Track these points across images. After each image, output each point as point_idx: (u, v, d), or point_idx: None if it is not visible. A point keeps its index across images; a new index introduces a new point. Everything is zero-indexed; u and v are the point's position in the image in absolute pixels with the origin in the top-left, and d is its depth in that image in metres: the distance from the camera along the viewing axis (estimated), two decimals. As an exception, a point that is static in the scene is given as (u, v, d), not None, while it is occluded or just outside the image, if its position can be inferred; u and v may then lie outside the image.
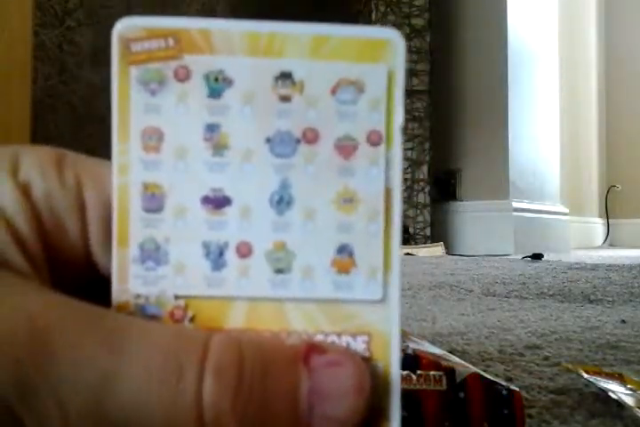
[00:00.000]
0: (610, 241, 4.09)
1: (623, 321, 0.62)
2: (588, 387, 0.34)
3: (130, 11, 2.31)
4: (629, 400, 0.29)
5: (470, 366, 0.28)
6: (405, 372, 0.25)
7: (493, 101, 2.77)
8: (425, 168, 2.68)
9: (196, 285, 0.15)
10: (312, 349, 0.14)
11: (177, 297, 0.15)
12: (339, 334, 0.15)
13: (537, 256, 1.98)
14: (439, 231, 2.72)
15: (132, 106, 0.15)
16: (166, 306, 0.15)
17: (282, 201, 0.15)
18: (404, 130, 0.16)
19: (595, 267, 1.51)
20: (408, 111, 2.67)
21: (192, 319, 0.15)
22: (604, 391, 0.30)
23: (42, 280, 0.15)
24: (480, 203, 2.76)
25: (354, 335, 0.15)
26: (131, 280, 0.15)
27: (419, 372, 0.25)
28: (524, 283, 1.09)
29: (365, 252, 0.15)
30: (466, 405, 0.26)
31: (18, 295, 0.14)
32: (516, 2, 2.82)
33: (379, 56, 0.15)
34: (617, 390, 0.30)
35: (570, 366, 0.34)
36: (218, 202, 0.15)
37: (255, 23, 0.15)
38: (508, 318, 0.69)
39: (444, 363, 0.26)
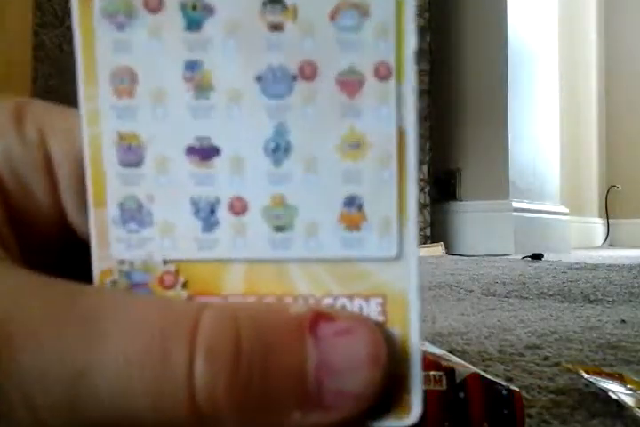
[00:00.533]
0: (610, 241, 4.09)
1: (623, 321, 0.62)
2: (588, 387, 0.34)
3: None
4: (629, 400, 0.29)
5: (470, 366, 0.28)
6: None
7: (493, 101, 2.77)
8: (425, 168, 2.68)
9: (186, 247, 0.13)
10: (319, 316, 0.12)
11: (166, 261, 0.14)
12: (350, 297, 0.13)
13: (537, 256, 1.98)
14: (439, 231, 2.72)
15: (98, 43, 0.13)
16: (155, 271, 0.14)
17: (278, 149, 0.13)
18: (418, 60, 0.13)
19: (595, 267, 1.51)
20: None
21: (185, 285, 0.14)
22: (604, 391, 0.30)
23: (7, 254, 0.13)
24: (480, 203, 2.76)
25: (367, 298, 0.13)
26: (112, 244, 0.13)
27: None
28: (523, 283, 1.09)
29: (377, 203, 0.13)
30: (466, 405, 0.25)
31: None
32: (516, 2, 2.82)
33: None
34: (617, 390, 0.30)
35: (570, 366, 0.34)
36: (205, 152, 0.13)
37: None
38: (508, 318, 0.69)
39: (444, 363, 0.26)
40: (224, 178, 0.13)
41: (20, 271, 0.12)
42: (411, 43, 0.13)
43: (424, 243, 2.59)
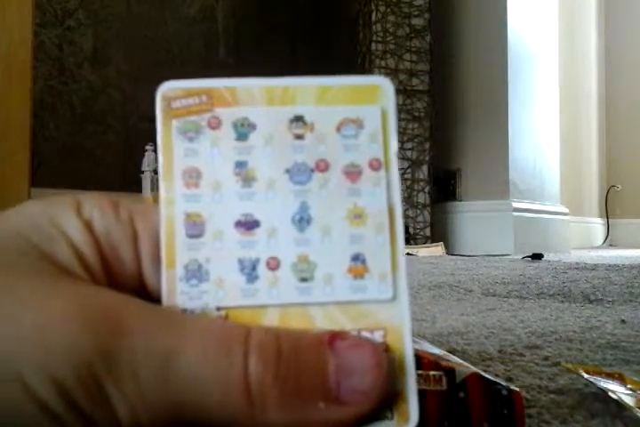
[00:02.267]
0: (610, 241, 4.09)
1: (623, 321, 0.62)
2: (588, 387, 0.34)
3: (130, 11, 2.31)
4: (629, 400, 0.29)
5: (470, 366, 0.28)
6: None
7: (493, 101, 2.77)
8: (425, 168, 2.68)
9: (233, 296, 0.18)
10: (335, 335, 0.17)
11: (218, 308, 0.18)
12: (358, 331, 0.18)
13: (537, 256, 1.98)
14: (439, 231, 2.72)
15: (175, 151, 0.18)
16: (210, 317, 0.18)
17: (302, 220, 0.18)
18: (399, 154, 0.18)
19: (595, 267, 1.51)
20: (408, 111, 2.67)
21: None
22: (604, 391, 0.30)
23: None
24: (480, 203, 2.76)
25: (371, 331, 0.18)
26: (178, 297, 0.18)
27: (419, 372, 0.25)
28: (523, 283, 1.09)
29: (375, 259, 0.18)
30: (466, 405, 0.25)
31: (92, 288, 0.17)
32: (516, 2, 2.82)
33: (373, 99, 0.19)
34: (617, 390, 0.30)
35: (570, 366, 0.34)
36: (248, 225, 0.18)
37: (271, 79, 0.19)
38: (508, 318, 0.69)
39: (443, 363, 0.26)
40: (262, 243, 0.18)
41: (112, 290, 0.17)
42: (393, 144, 0.19)
43: (424, 243, 2.59)
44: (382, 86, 0.19)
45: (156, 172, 2.07)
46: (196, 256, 0.18)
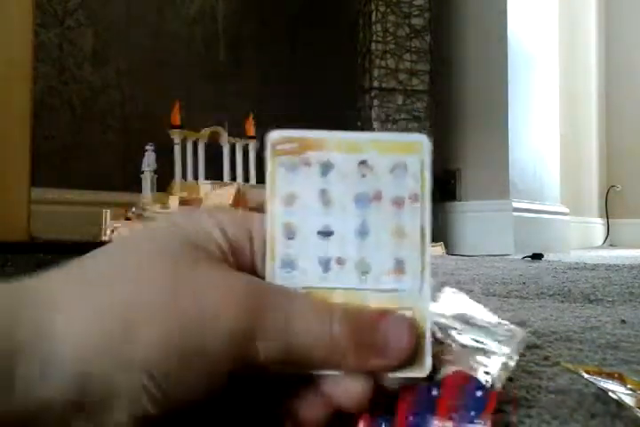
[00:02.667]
0: (610, 241, 4.09)
1: (623, 321, 0.62)
2: (588, 387, 0.34)
3: (129, 11, 2.31)
4: (629, 400, 0.29)
5: (473, 362, 0.28)
6: None
7: (493, 101, 2.77)
8: (425, 168, 2.68)
9: (313, 280, 0.26)
10: (384, 312, 0.25)
11: (304, 288, 0.26)
12: (396, 309, 0.26)
13: (537, 256, 1.98)
14: (439, 231, 2.72)
15: (277, 180, 0.26)
16: (309, 296, 0.26)
17: (362, 233, 0.26)
18: (431, 192, 0.26)
19: (595, 267, 1.51)
20: (408, 111, 2.68)
21: None
22: (604, 391, 0.30)
23: None
24: (480, 203, 2.76)
25: (404, 310, 0.26)
26: (276, 280, 0.26)
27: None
28: (523, 283, 1.09)
29: (411, 263, 0.26)
30: (434, 402, 0.26)
31: (241, 275, 0.25)
32: (516, 2, 2.82)
33: (415, 150, 0.26)
34: (617, 390, 0.30)
35: (570, 366, 0.34)
36: (326, 234, 0.26)
37: (346, 133, 0.27)
38: (508, 318, 0.69)
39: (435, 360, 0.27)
40: (335, 246, 0.26)
41: (250, 275, 0.26)
42: (428, 184, 0.26)
43: (424, 243, 2.58)
44: (422, 142, 0.27)
45: (155, 172, 2.07)
46: (290, 253, 0.26)
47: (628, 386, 0.31)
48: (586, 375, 0.32)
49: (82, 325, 0.22)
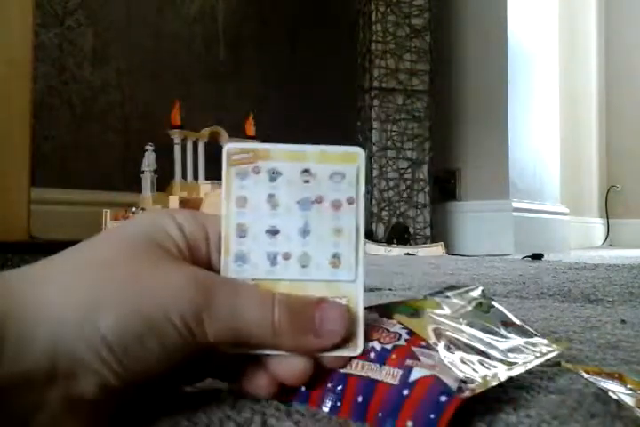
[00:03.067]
0: (610, 241, 4.09)
1: (623, 321, 0.62)
2: (587, 387, 0.34)
3: (129, 11, 2.31)
4: (629, 400, 0.29)
5: (453, 367, 0.28)
6: (376, 364, 0.30)
7: (493, 101, 2.77)
8: (425, 168, 2.68)
9: (262, 273, 0.30)
10: (321, 300, 0.29)
11: (253, 279, 0.29)
12: (332, 297, 0.30)
13: (537, 256, 1.98)
14: (439, 231, 2.72)
15: (232, 185, 0.30)
16: (254, 286, 0.29)
17: (305, 231, 0.30)
18: (365, 196, 0.29)
19: (595, 267, 1.51)
20: (408, 111, 2.68)
21: None
22: (604, 391, 0.30)
23: None
24: (480, 203, 2.76)
25: (340, 298, 0.30)
26: (230, 272, 0.30)
27: (384, 366, 0.29)
28: (523, 283, 1.09)
29: (346, 257, 0.30)
30: (402, 403, 0.27)
31: (193, 267, 0.29)
32: (516, 2, 2.82)
33: (352, 160, 0.30)
34: (617, 390, 0.30)
35: (570, 366, 0.34)
36: (274, 232, 0.30)
37: (290, 145, 0.30)
38: (508, 318, 0.69)
39: (408, 362, 0.29)
40: (280, 244, 0.30)
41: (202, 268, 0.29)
42: (362, 189, 0.30)
43: (424, 243, 2.59)
44: (359, 153, 0.30)
45: (155, 172, 2.07)
46: (242, 249, 0.30)
47: (628, 386, 0.31)
48: (586, 375, 0.32)
49: (53, 302, 0.25)
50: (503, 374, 0.30)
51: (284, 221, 0.29)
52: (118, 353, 0.25)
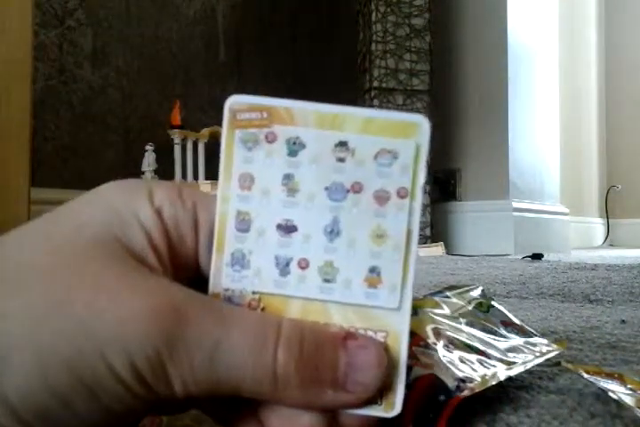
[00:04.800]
0: (610, 241, 4.08)
1: (623, 321, 0.62)
2: (587, 387, 0.34)
3: (129, 11, 2.31)
4: (629, 400, 0.29)
5: (453, 368, 0.28)
6: None
7: (493, 101, 2.77)
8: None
9: (267, 285, 0.21)
10: (348, 335, 0.20)
11: (254, 292, 0.21)
12: (365, 330, 0.21)
13: (537, 256, 1.98)
14: (439, 231, 2.72)
15: (235, 157, 0.21)
16: (246, 298, 0.21)
17: (332, 232, 0.21)
18: (425, 188, 0.20)
19: (595, 267, 1.51)
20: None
21: (263, 309, 0.21)
22: (604, 391, 0.30)
23: (168, 276, 0.21)
24: (480, 203, 2.76)
25: (375, 332, 0.21)
26: (223, 278, 0.21)
27: None
28: (523, 283, 1.09)
29: (389, 273, 0.21)
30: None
31: (162, 284, 0.20)
32: (516, 2, 2.82)
33: (410, 134, 0.21)
34: (617, 390, 0.30)
35: (570, 366, 0.34)
36: (288, 229, 0.21)
37: (324, 105, 0.22)
38: (507, 318, 0.69)
39: (409, 362, 0.27)
40: (297, 245, 0.21)
41: (178, 284, 0.20)
42: (421, 177, 0.21)
43: (424, 243, 2.59)
44: (419, 123, 0.21)
45: (155, 172, 2.07)
46: (241, 247, 0.21)
47: (628, 386, 0.31)
48: (586, 375, 0.32)
49: None
50: (502, 373, 0.30)
51: (303, 215, 0.21)
52: (29, 421, 0.18)
